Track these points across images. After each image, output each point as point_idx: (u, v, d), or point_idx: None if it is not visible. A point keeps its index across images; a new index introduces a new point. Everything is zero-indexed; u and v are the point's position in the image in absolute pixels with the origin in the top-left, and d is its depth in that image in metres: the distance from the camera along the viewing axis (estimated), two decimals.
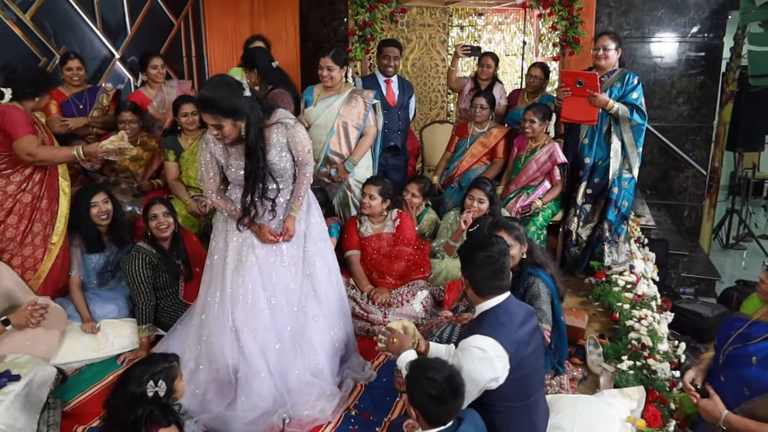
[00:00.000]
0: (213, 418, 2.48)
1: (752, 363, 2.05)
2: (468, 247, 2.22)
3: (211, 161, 2.63)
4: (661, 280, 4.46)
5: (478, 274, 2.12)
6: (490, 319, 2.08)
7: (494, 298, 2.12)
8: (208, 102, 2.38)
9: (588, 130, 3.90)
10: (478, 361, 1.99)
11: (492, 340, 2.00)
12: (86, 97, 4.10)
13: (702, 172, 5.99)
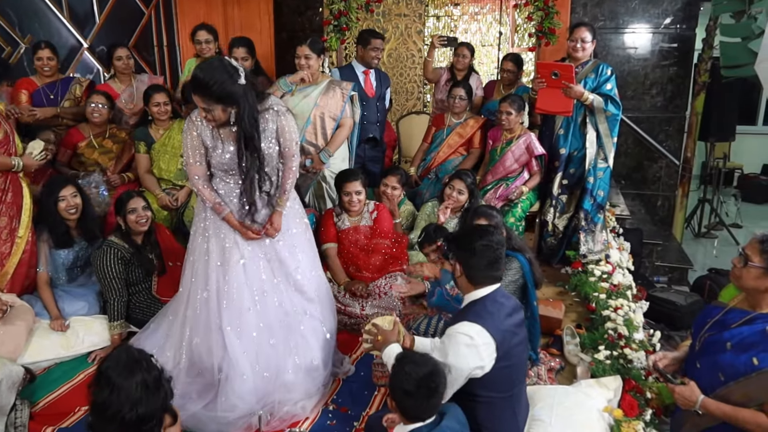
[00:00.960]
0: (190, 416, 2.43)
1: (727, 349, 2.08)
2: (467, 236, 2.20)
3: (198, 144, 2.49)
4: (636, 269, 4.50)
5: (475, 262, 2.10)
6: (478, 308, 2.08)
7: (485, 287, 2.12)
8: (201, 85, 2.28)
9: (563, 121, 3.91)
10: (464, 347, 1.98)
11: (479, 326, 2.00)
12: (58, 87, 3.99)
13: (675, 162, 6.07)
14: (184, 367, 2.56)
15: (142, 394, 1.71)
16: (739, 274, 2.10)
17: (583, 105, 3.79)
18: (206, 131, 2.48)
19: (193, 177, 2.54)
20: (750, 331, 2.04)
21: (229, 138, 2.47)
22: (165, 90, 3.92)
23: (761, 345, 1.99)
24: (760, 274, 2.04)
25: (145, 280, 3.24)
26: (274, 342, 2.54)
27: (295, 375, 2.55)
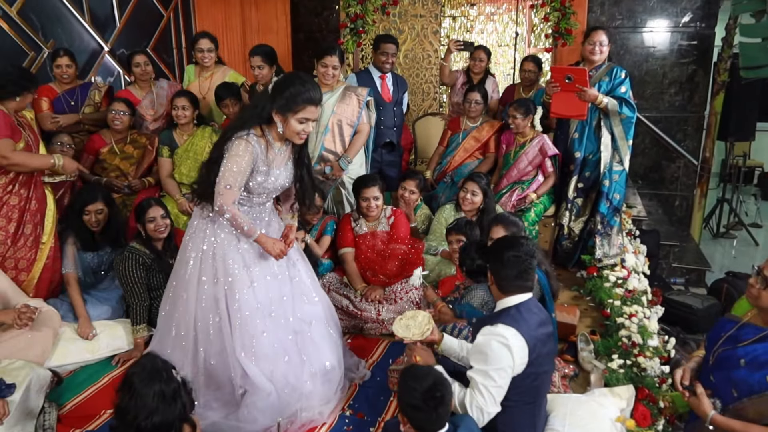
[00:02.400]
0: (210, 424, 2.49)
1: (740, 365, 2.09)
2: (499, 245, 2.25)
3: (248, 169, 2.41)
4: (652, 270, 4.50)
5: (505, 272, 2.15)
6: (512, 312, 2.12)
7: (517, 296, 2.16)
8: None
9: (578, 125, 3.91)
10: (503, 348, 2.02)
11: (513, 330, 2.04)
12: (78, 93, 4.06)
13: (693, 162, 6.02)
14: (203, 381, 2.59)
15: (158, 404, 1.79)
16: (758, 294, 2.09)
17: (598, 108, 3.78)
18: (261, 156, 2.45)
19: (229, 203, 2.41)
20: (764, 349, 2.05)
21: (280, 161, 2.51)
22: (188, 95, 3.98)
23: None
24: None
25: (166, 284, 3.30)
26: (288, 359, 2.57)
27: (312, 383, 2.59)
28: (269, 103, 2.41)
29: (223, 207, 2.40)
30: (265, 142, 2.46)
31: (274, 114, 2.41)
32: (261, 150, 2.44)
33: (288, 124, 2.40)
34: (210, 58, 4.25)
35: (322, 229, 3.75)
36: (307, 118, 2.41)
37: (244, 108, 2.49)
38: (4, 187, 3.02)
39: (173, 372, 1.89)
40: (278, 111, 2.40)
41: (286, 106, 2.38)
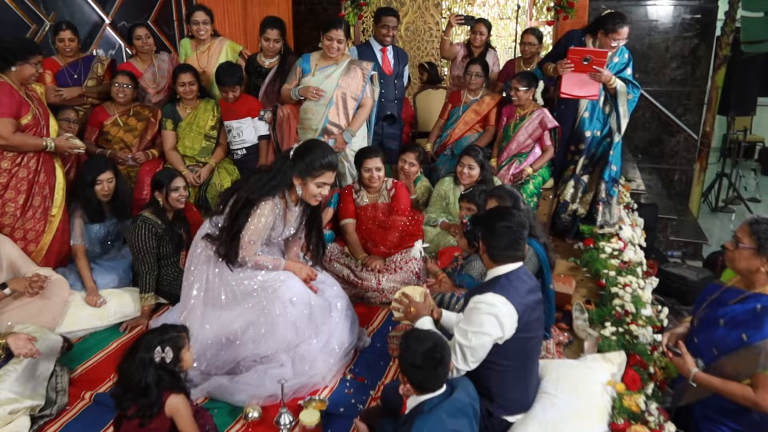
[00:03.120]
0: (216, 387, 2.59)
1: (720, 325, 2.20)
2: (491, 216, 2.32)
3: (269, 226, 2.66)
4: (649, 243, 4.57)
5: (496, 242, 2.22)
6: (502, 281, 2.19)
7: (507, 265, 2.23)
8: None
9: (588, 104, 3.93)
10: (490, 316, 2.10)
11: (503, 298, 2.12)
12: (80, 66, 4.07)
13: (693, 136, 6.05)
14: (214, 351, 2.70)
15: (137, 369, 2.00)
16: (732, 256, 2.20)
17: (605, 88, 3.82)
18: (280, 216, 2.69)
19: (250, 254, 2.65)
20: (742, 309, 2.15)
21: (294, 220, 2.78)
22: (192, 69, 4.00)
23: (751, 322, 2.09)
24: (751, 254, 2.13)
25: (175, 254, 3.38)
26: (307, 335, 2.71)
27: (325, 360, 2.72)
28: (290, 169, 2.61)
29: (245, 258, 2.65)
30: (284, 204, 2.70)
31: (294, 178, 2.62)
32: (280, 210, 2.68)
33: (307, 187, 2.62)
34: (206, 30, 4.24)
35: (326, 202, 3.81)
36: (324, 182, 2.63)
37: (268, 173, 2.69)
38: (12, 159, 3.07)
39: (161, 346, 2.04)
40: (298, 175, 2.61)
41: (306, 171, 2.59)
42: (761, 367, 2.04)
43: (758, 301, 2.12)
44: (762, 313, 2.09)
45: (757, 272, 2.14)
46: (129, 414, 2.02)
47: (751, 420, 2.14)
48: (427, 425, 1.85)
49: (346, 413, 2.51)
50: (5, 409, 2.32)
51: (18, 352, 2.45)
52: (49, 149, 3.14)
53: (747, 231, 2.16)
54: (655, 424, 2.19)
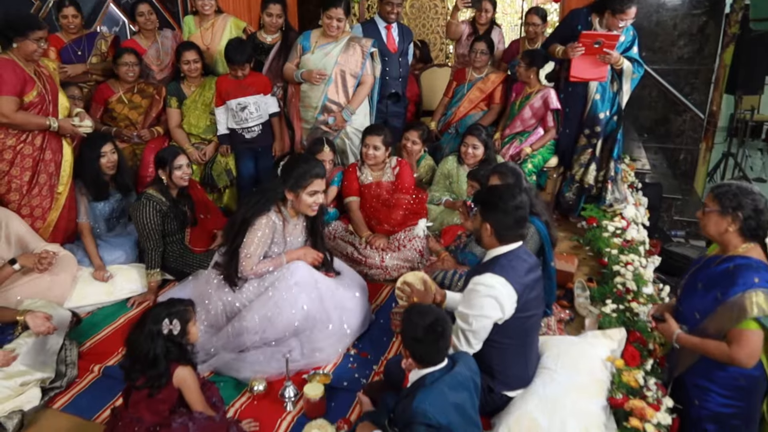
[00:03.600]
0: (224, 363, 2.64)
1: (698, 288, 2.27)
2: (501, 194, 2.29)
3: (267, 240, 2.74)
4: (653, 223, 4.58)
5: (505, 221, 2.22)
6: (501, 262, 2.21)
7: (510, 244, 2.25)
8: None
9: (598, 86, 3.92)
10: (489, 298, 2.13)
11: (503, 278, 2.14)
12: (84, 43, 4.08)
13: (700, 116, 5.99)
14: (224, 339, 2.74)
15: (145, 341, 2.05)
16: (702, 223, 2.30)
17: (613, 68, 3.81)
18: (279, 230, 2.78)
19: (248, 269, 2.73)
20: (717, 271, 2.22)
21: (296, 233, 2.86)
22: (195, 47, 3.99)
23: (725, 281, 2.16)
24: (716, 216, 2.21)
25: (179, 231, 3.41)
26: (316, 320, 2.73)
27: (332, 343, 2.76)
28: (281, 185, 2.75)
29: (244, 272, 2.74)
30: (282, 218, 2.80)
31: (286, 192, 2.74)
32: (279, 225, 2.78)
33: (300, 199, 2.74)
34: (210, 6, 4.20)
35: (330, 180, 3.82)
36: (315, 190, 2.73)
37: (260, 192, 2.85)
38: (17, 136, 3.09)
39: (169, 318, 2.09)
40: (290, 189, 2.74)
41: (296, 184, 2.72)
42: (735, 321, 2.10)
43: (731, 262, 2.19)
44: (734, 271, 2.16)
45: (726, 233, 2.21)
46: (138, 384, 2.07)
47: (737, 386, 2.21)
48: (428, 398, 1.89)
49: (350, 387, 2.56)
50: (16, 381, 2.37)
51: (36, 330, 2.51)
52: (52, 129, 3.14)
53: (711, 196, 2.26)
54: (653, 399, 2.22)
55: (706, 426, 2.26)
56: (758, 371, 2.19)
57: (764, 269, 2.13)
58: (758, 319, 2.07)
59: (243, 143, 4.07)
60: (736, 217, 2.17)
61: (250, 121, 3.99)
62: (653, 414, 2.14)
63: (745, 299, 2.07)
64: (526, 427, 2.15)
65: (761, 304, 2.05)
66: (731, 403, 2.22)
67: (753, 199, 2.17)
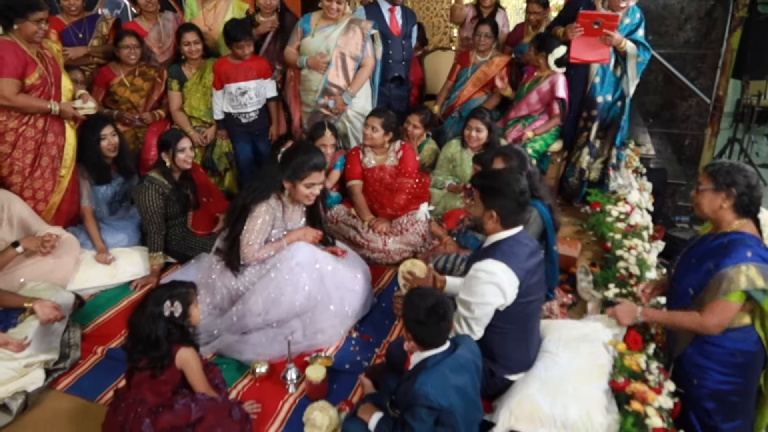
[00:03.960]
0: (227, 345, 2.65)
1: (692, 264, 2.30)
2: (500, 181, 2.27)
3: (267, 226, 2.75)
4: (658, 208, 4.56)
5: (509, 207, 2.21)
6: (503, 248, 2.20)
7: (511, 229, 2.24)
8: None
9: (599, 69, 3.88)
10: (490, 285, 2.13)
11: (504, 265, 2.14)
12: (85, 25, 4.03)
13: (706, 101, 5.93)
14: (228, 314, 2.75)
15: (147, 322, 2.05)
16: (696, 201, 2.32)
17: (616, 51, 3.75)
18: (279, 216, 2.79)
19: (250, 255, 2.73)
20: (711, 246, 2.26)
21: (295, 219, 2.87)
22: (195, 29, 3.95)
23: (718, 254, 2.19)
24: (711, 194, 2.24)
25: (182, 214, 3.41)
26: (319, 302, 2.74)
27: (334, 325, 2.77)
28: (279, 173, 2.74)
29: (246, 260, 2.75)
30: (282, 205, 2.80)
31: (284, 181, 2.74)
32: (279, 211, 2.79)
33: (297, 189, 2.74)
34: None
35: (332, 164, 3.80)
36: (313, 182, 2.73)
37: (259, 178, 2.83)
38: (19, 118, 3.07)
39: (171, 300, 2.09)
40: (288, 179, 2.73)
41: (294, 174, 2.71)
42: (723, 293, 2.14)
43: (726, 237, 2.22)
44: (728, 245, 2.18)
45: (720, 210, 2.24)
46: (140, 366, 2.08)
47: (735, 362, 2.23)
48: (430, 380, 1.89)
49: (352, 370, 2.57)
50: (21, 363, 2.39)
51: (45, 319, 2.52)
52: (53, 113, 3.12)
53: (704, 174, 2.28)
54: (655, 383, 2.22)
55: (705, 404, 2.29)
56: (755, 347, 2.23)
57: (757, 244, 2.17)
58: (748, 291, 2.12)
59: (239, 127, 4.02)
60: (730, 194, 2.20)
61: (249, 106, 3.95)
62: (654, 397, 2.14)
63: (735, 271, 2.11)
64: (527, 410, 2.16)
65: (752, 277, 2.10)
66: (729, 380, 2.25)
67: (745, 175, 2.20)
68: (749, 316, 2.22)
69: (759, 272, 2.10)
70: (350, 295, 2.85)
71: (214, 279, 2.83)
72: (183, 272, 3.21)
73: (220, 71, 3.90)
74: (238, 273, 2.76)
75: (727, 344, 2.22)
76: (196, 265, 3.22)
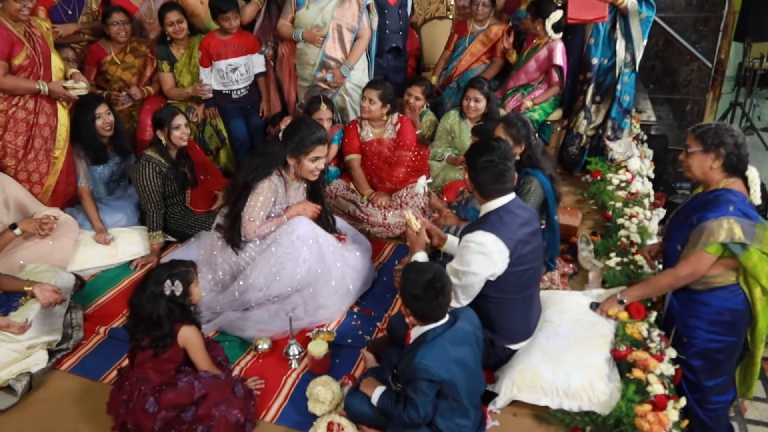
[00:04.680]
0: (228, 323, 2.66)
1: (680, 221, 2.39)
2: (471, 152, 2.29)
3: (269, 203, 2.72)
4: (658, 175, 4.52)
5: (481, 178, 2.22)
6: (492, 218, 2.19)
7: (498, 199, 2.22)
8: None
9: (593, 30, 3.78)
10: (479, 255, 2.13)
11: (493, 236, 2.13)
12: (74, 2, 3.94)
13: (707, 65, 5.85)
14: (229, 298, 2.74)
15: (148, 302, 2.05)
16: (686, 164, 2.37)
17: (615, 9, 3.65)
18: (281, 192, 2.77)
19: (250, 231, 2.71)
20: (696, 202, 2.34)
21: (298, 196, 2.85)
22: (178, 7, 3.85)
23: (701, 209, 2.26)
24: (700, 155, 2.28)
25: (180, 192, 3.38)
26: (319, 277, 2.72)
27: (335, 301, 2.76)
28: (282, 149, 2.70)
29: (248, 236, 2.72)
30: (284, 182, 2.77)
31: (288, 158, 2.70)
32: (281, 188, 2.76)
33: (302, 164, 2.70)
34: None
35: (329, 138, 3.76)
36: (317, 156, 2.70)
37: (261, 155, 2.79)
38: (9, 100, 3.02)
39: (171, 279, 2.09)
40: (291, 155, 2.70)
41: (297, 149, 2.68)
42: (702, 245, 2.21)
43: (712, 194, 2.28)
44: (712, 200, 2.24)
45: (710, 170, 2.28)
46: (143, 345, 2.08)
47: (722, 320, 2.30)
48: (430, 354, 1.90)
49: (354, 344, 2.58)
50: (23, 344, 2.40)
51: (45, 302, 2.51)
52: (43, 93, 3.06)
53: (692, 136, 2.33)
54: (657, 350, 2.22)
55: (692, 362, 2.36)
56: (742, 305, 2.28)
57: (741, 201, 2.22)
58: (726, 244, 2.18)
59: (231, 103, 3.97)
60: (719, 154, 2.24)
61: (239, 82, 3.89)
62: (656, 365, 2.14)
63: (715, 224, 2.17)
64: (529, 379, 2.17)
65: (731, 230, 2.15)
66: (717, 338, 2.32)
67: (732, 134, 2.24)
68: (735, 274, 2.26)
69: (739, 225, 2.15)
70: (351, 272, 2.85)
71: (215, 255, 2.82)
72: (183, 251, 3.21)
73: (209, 48, 3.80)
74: (239, 250, 2.75)
75: (714, 303, 2.29)
76: (196, 243, 3.21)
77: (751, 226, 2.18)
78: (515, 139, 2.84)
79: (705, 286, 2.30)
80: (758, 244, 2.19)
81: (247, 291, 2.67)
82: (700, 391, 2.39)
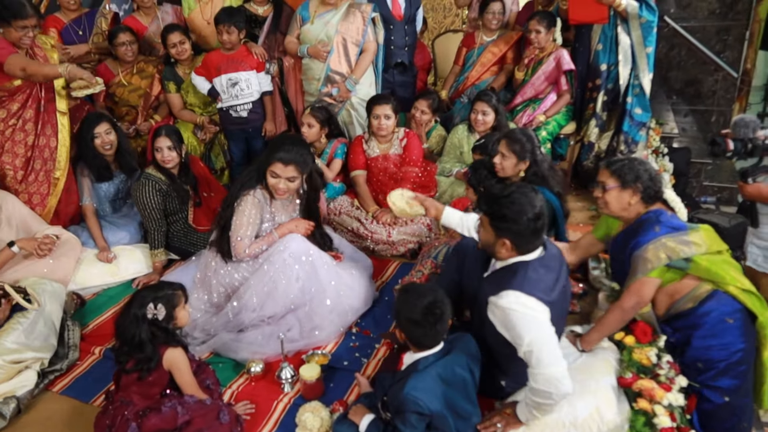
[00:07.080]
0: (222, 344, 2.59)
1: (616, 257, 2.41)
2: (510, 209, 1.94)
3: (256, 219, 2.66)
4: (681, 189, 4.36)
5: (523, 235, 1.93)
6: (530, 274, 1.93)
7: (532, 254, 1.99)
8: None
9: (601, 35, 3.71)
10: (525, 317, 1.86)
11: (534, 299, 1.86)
12: (84, 22, 4.01)
13: (732, 75, 5.65)
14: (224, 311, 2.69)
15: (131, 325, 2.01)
16: (603, 202, 2.30)
17: (616, 12, 3.56)
18: (266, 207, 2.71)
19: (240, 251, 2.65)
20: (626, 233, 2.31)
21: (287, 211, 2.79)
22: (180, 28, 3.85)
23: (633, 236, 2.24)
24: (618, 192, 2.25)
25: (182, 210, 3.35)
26: (315, 298, 2.66)
27: (333, 322, 2.68)
28: (263, 162, 2.65)
29: (239, 256, 2.66)
30: (269, 195, 2.69)
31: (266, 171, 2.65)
32: (266, 202, 2.69)
33: (266, 178, 2.64)
34: None
35: (333, 153, 3.71)
36: (276, 173, 2.59)
37: (247, 171, 2.78)
38: (5, 122, 3.01)
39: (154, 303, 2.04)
40: (259, 168, 2.67)
41: (265, 161, 2.63)
42: (641, 273, 2.17)
43: (639, 220, 2.26)
44: (641, 226, 2.23)
45: (630, 206, 2.26)
46: (127, 368, 2.03)
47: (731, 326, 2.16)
48: (419, 384, 1.82)
49: (350, 367, 2.49)
50: (5, 359, 2.35)
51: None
52: (63, 75, 2.98)
53: (607, 173, 2.28)
54: (665, 378, 2.08)
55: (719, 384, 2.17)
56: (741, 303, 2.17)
57: (664, 216, 2.22)
58: (669, 265, 2.15)
59: (233, 124, 3.90)
60: (637, 189, 2.23)
61: (240, 98, 3.81)
62: (663, 395, 2.00)
63: (651, 250, 2.15)
64: None
65: (669, 249, 2.13)
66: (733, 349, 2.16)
67: (646, 168, 2.24)
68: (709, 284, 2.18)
69: (673, 241, 2.14)
70: (348, 291, 2.76)
71: (209, 277, 2.77)
72: (184, 270, 3.17)
73: (210, 63, 3.77)
74: (229, 260, 2.70)
75: (714, 312, 2.17)
76: (196, 261, 3.17)
77: (684, 237, 2.16)
78: (519, 156, 2.74)
79: (694, 302, 2.18)
80: (700, 250, 2.15)
81: (241, 312, 2.61)
82: (734, 415, 2.18)
